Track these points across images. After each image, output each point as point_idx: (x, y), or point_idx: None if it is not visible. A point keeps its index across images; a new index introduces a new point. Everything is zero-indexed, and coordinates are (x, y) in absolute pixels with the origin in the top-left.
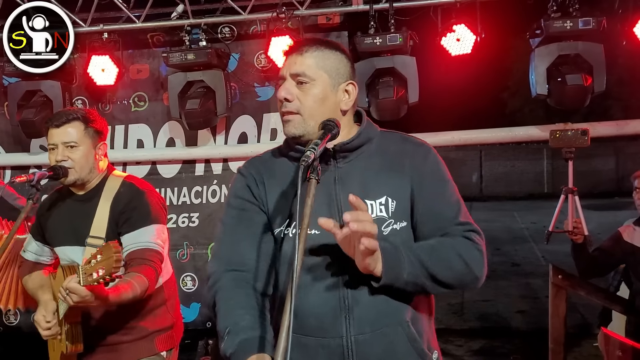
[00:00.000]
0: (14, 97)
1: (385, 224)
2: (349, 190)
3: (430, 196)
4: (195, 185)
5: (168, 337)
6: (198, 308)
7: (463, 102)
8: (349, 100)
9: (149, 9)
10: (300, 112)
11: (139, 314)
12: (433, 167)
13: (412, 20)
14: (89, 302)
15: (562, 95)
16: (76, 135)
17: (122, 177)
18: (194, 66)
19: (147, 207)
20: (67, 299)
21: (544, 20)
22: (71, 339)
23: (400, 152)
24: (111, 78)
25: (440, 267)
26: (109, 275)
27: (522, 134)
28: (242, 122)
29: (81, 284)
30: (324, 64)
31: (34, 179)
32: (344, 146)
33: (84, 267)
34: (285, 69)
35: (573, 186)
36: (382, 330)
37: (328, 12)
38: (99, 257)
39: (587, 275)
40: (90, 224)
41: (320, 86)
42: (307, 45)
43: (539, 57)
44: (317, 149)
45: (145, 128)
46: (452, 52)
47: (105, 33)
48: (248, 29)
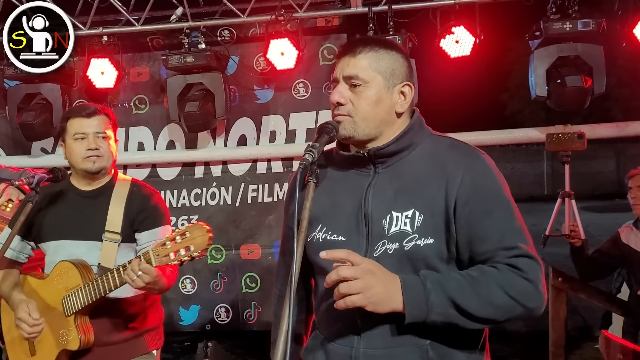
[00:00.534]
0: (14, 100)
1: (407, 238)
2: (380, 199)
3: (474, 216)
4: (195, 188)
5: (156, 335)
6: (197, 310)
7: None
8: (405, 103)
9: (148, 12)
10: (352, 115)
11: (132, 314)
12: (483, 182)
13: (410, 23)
14: (156, 284)
15: (561, 97)
16: (104, 127)
17: (130, 179)
18: (193, 69)
19: (161, 208)
20: (137, 281)
21: (543, 21)
22: (83, 333)
23: (446, 161)
24: (111, 81)
25: (478, 303)
26: (199, 252)
27: (522, 136)
28: (242, 125)
29: (153, 264)
30: (378, 65)
31: (33, 182)
32: (377, 151)
33: (156, 249)
34: (338, 71)
35: (570, 190)
36: (395, 349)
37: (327, 14)
38: (179, 238)
39: (587, 277)
40: (103, 220)
41: (374, 88)
42: (361, 45)
43: (538, 58)
44: (316, 152)
45: (145, 131)
46: (451, 54)
47: (105, 36)
48: (247, 32)
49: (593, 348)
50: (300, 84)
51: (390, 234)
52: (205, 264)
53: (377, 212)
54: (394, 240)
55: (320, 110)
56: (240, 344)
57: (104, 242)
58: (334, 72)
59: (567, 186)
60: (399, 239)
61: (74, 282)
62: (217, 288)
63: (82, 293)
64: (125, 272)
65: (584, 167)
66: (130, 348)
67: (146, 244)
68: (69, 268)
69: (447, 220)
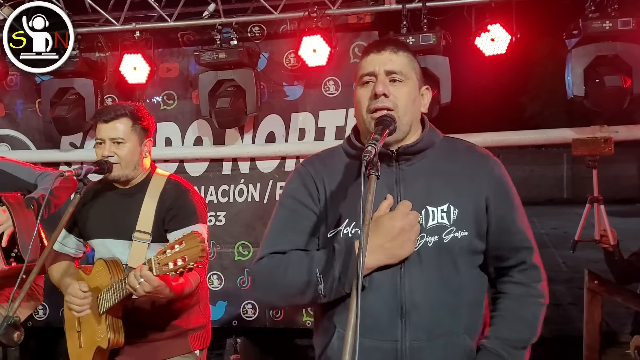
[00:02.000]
0: (47, 95)
1: (446, 231)
2: (412, 193)
3: (502, 212)
4: (222, 184)
5: (201, 336)
6: (224, 306)
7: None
8: (426, 104)
9: (180, 8)
10: (394, 108)
11: (175, 312)
12: (505, 181)
13: (444, 20)
14: (159, 293)
15: (599, 97)
16: (123, 132)
17: (166, 175)
18: (225, 65)
19: (193, 206)
20: (139, 289)
21: (581, 20)
22: (113, 333)
23: (470, 162)
24: (143, 76)
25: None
26: (193, 263)
27: (557, 136)
28: (270, 122)
29: (154, 273)
30: (413, 66)
31: (81, 173)
32: (407, 149)
33: (157, 257)
34: (377, 65)
35: (598, 194)
36: (438, 339)
37: (360, 11)
38: (177, 247)
39: (624, 281)
40: (136, 219)
41: (412, 85)
42: (397, 45)
43: (576, 58)
44: (378, 144)
45: (173, 126)
46: (486, 52)
47: (138, 32)
48: (278, 28)
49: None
50: (331, 81)
51: (428, 228)
52: (233, 261)
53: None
54: (432, 234)
55: (350, 108)
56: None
57: (134, 242)
58: (365, 68)
59: (596, 191)
60: (438, 231)
61: (105, 281)
62: (244, 284)
63: (110, 292)
64: (128, 280)
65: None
66: (171, 346)
67: None
68: (102, 267)
69: (479, 216)
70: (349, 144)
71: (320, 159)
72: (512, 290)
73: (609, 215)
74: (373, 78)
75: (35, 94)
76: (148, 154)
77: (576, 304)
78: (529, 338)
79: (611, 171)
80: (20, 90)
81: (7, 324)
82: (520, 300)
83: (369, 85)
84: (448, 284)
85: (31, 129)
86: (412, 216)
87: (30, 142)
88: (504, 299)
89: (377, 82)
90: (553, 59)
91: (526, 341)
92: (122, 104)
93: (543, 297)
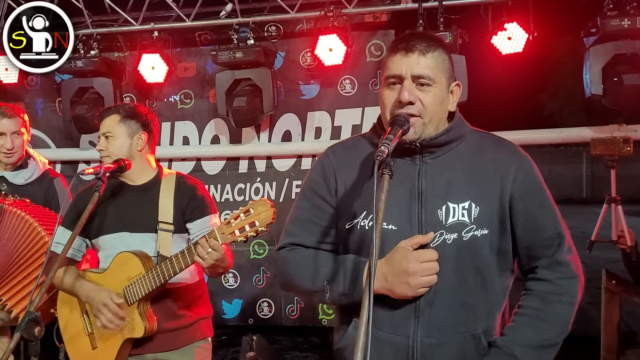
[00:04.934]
0: (67, 94)
1: (466, 229)
2: (434, 187)
3: (529, 209)
4: (239, 183)
5: (208, 324)
6: (240, 304)
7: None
8: (454, 101)
9: (197, 8)
10: (422, 115)
11: (188, 301)
12: (533, 177)
13: (461, 19)
14: (222, 262)
15: (618, 95)
16: (111, 126)
17: (174, 172)
18: (242, 64)
19: (208, 198)
20: (208, 258)
21: (600, 18)
22: (147, 320)
23: (496, 157)
24: (161, 76)
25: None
26: (265, 226)
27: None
28: (286, 120)
29: (220, 242)
30: (443, 66)
31: (100, 172)
32: (431, 141)
33: (221, 228)
34: (405, 68)
35: (616, 195)
36: (452, 338)
37: (377, 10)
38: (243, 215)
39: None
40: (156, 211)
41: (440, 88)
42: (426, 44)
43: (594, 56)
44: (391, 144)
45: (190, 125)
46: (502, 51)
47: (156, 32)
48: (294, 28)
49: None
50: (347, 80)
51: (448, 225)
52: (248, 259)
53: (432, 202)
54: (452, 231)
55: (367, 107)
56: (282, 339)
57: (160, 232)
58: (391, 69)
59: (614, 191)
60: (457, 229)
61: (135, 271)
62: (260, 283)
63: (144, 281)
64: (196, 250)
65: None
66: (190, 333)
67: (198, 232)
68: (129, 258)
69: (502, 214)
70: (376, 134)
71: (345, 148)
72: (537, 288)
73: (627, 215)
74: (399, 81)
75: (55, 93)
76: (151, 150)
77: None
78: (549, 337)
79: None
80: (40, 90)
81: (28, 319)
82: (543, 298)
83: (395, 87)
84: (465, 283)
85: (51, 127)
86: (427, 265)
87: (50, 141)
88: (528, 297)
89: (403, 89)
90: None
91: (546, 340)
92: (120, 104)
93: (571, 296)
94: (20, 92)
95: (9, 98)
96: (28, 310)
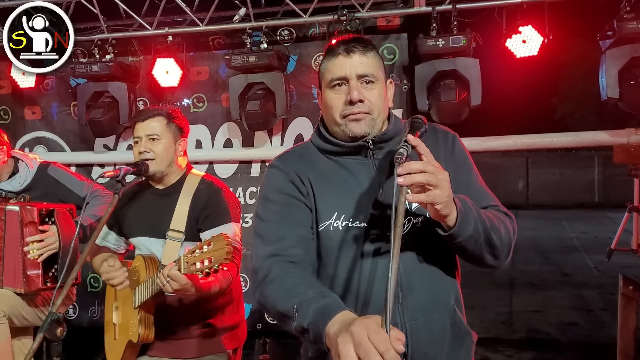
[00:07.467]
0: (82, 98)
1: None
2: (392, 180)
3: (466, 186)
4: (251, 186)
5: (234, 335)
6: (249, 309)
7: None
8: (391, 97)
9: (211, 13)
10: (371, 112)
11: (209, 310)
12: (464, 156)
13: (474, 22)
14: (187, 291)
15: (635, 99)
16: (159, 129)
17: (201, 175)
18: (255, 68)
19: (225, 205)
20: (167, 286)
21: (616, 21)
22: (143, 328)
23: (433, 141)
24: (175, 80)
25: (495, 231)
26: (218, 265)
27: (590, 139)
28: (299, 124)
29: (182, 272)
30: (380, 65)
31: (120, 175)
32: (382, 136)
33: (186, 256)
34: (349, 69)
35: (639, 204)
36: (432, 315)
37: (390, 14)
38: (205, 247)
39: None
40: (170, 218)
41: (381, 84)
42: (363, 45)
43: (610, 59)
44: (410, 146)
45: (203, 129)
46: (517, 54)
47: (170, 36)
48: (307, 32)
49: None
50: None
51: (413, 210)
52: None
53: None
54: (418, 214)
55: None
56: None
57: (167, 240)
58: (335, 72)
59: (637, 200)
60: (422, 211)
61: (142, 277)
62: None
63: (144, 288)
64: (157, 277)
65: None
66: (204, 345)
67: None
68: (140, 262)
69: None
70: (324, 140)
71: (296, 155)
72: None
73: None
74: (345, 82)
75: (71, 97)
76: (183, 153)
77: (608, 309)
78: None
79: None
80: (56, 94)
81: (50, 319)
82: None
83: (341, 89)
84: (433, 260)
85: (66, 131)
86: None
87: (65, 144)
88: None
89: (352, 89)
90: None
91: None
92: (158, 107)
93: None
94: (36, 96)
95: (25, 102)
96: (51, 311)
